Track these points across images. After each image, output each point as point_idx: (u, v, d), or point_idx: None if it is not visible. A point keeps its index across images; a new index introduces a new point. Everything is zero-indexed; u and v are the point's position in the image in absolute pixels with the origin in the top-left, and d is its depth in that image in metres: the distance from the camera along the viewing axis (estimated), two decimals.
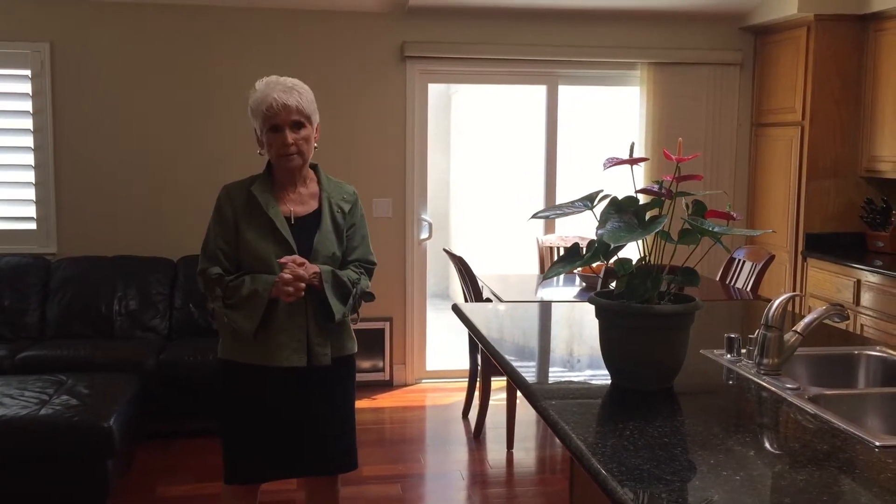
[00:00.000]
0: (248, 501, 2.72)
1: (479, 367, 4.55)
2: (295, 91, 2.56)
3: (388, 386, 5.41)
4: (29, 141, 4.99)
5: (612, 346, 1.99)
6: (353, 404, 2.77)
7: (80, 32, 4.99)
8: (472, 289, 4.35)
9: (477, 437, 4.52)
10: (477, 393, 4.64)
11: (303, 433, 2.63)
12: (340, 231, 2.65)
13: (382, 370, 5.41)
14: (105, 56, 5.02)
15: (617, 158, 1.99)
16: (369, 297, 2.73)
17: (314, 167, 2.72)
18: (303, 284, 2.49)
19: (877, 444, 1.63)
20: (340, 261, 2.64)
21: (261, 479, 2.69)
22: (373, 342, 5.35)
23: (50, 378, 3.92)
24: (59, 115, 4.99)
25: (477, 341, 3.38)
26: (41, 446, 3.43)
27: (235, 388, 2.63)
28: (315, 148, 2.66)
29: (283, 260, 2.49)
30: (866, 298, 4.52)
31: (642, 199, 1.97)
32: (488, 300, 4.33)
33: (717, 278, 4.77)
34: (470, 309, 3.05)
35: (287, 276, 2.47)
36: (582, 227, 5.14)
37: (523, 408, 4.43)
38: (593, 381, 2.17)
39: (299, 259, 2.51)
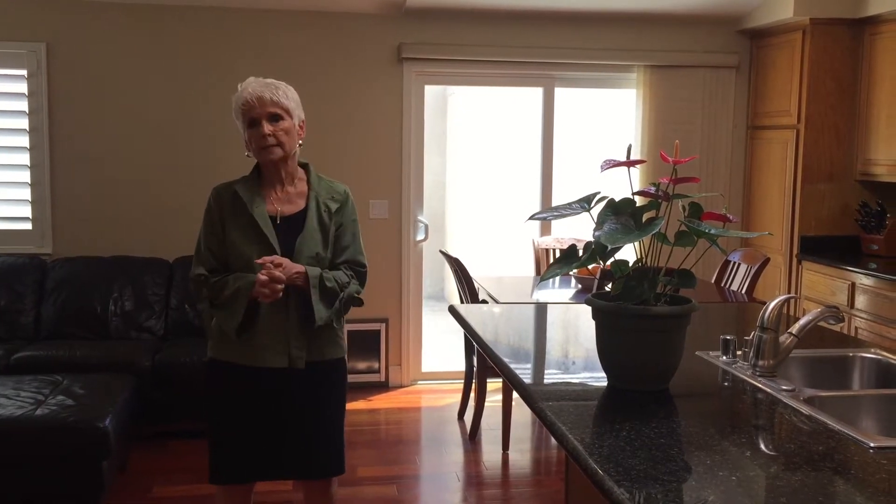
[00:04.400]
0: (242, 502, 2.72)
1: (474, 369, 4.56)
2: (272, 86, 2.56)
3: (383, 387, 5.41)
4: (25, 141, 4.98)
5: (609, 348, 2.00)
6: (343, 409, 2.74)
7: (77, 32, 4.98)
8: (468, 290, 4.36)
9: (472, 438, 4.53)
10: (472, 394, 4.65)
11: (287, 435, 2.61)
12: (326, 231, 2.61)
13: (378, 371, 5.41)
14: (101, 56, 5.02)
15: (614, 160, 1.99)
16: (357, 302, 2.67)
17: (305, 166, 2.70)
18: (279, 286, 2.45)
19: (871, 445, 1.64)
20: (328, 261, 2.61)
21: (243, 479, 2.66)
22: (368, 343, 5.36)
23: (45, 378, 3.92)
24: (55, 115, 4.99)
25: (473, 342, 3.39)
26: (36, 446, 3.43)
27: (221, 387, 2.63)
28: (300, 145, 2.64)
29: (260, 260, 2.45)
30: (861, 301, 4.54)
31: (639, 201, 1.98)
32: (484, 302, 4.34)
33: (713, 281, 4.78)
34: (466, 310, 3.05)
35: (263, 277, 2.44)
36: (578, 230, 5.16)
37: (519, 409, 4.44)
38: (590, 383, 2.18)
39: (277, 259, 2.46)
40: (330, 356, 2.66)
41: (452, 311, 3.04)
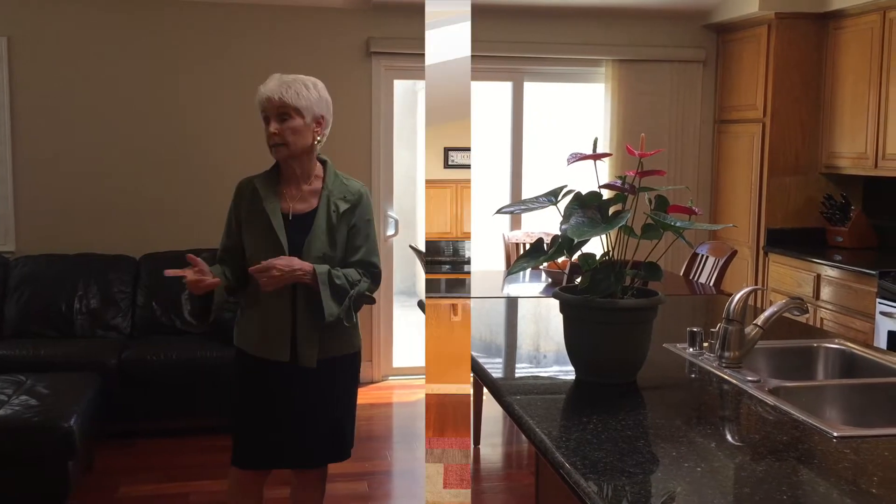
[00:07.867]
0: (253, 490, 2.73)
1: None
2: (286, 84, 2.58)
3: None
4: None
5: (577, 341, 2.00)
6: (355, 401, 2.78)
7: (39, 26, 4.89)
8: None
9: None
10: None
11: (297, 426, 2.65)
12: (334, 231, 2.61)
13: None
14: (64, 50, 4.93)
15: (580, 154, 2.00)
16: (369, 300, 2.71)
17: (324, 162, 2.73)
18: (276, 273, 2.47)
19: (835, 434, 1.66)
20: (337, 261, 2.61)
21: (259, 465, 2.70)
22: None
23: (9, 378, 3.85)
24: (17, 110, 4.90)
25: None
26: (0, 447, 3.36)
27: (240, 374, 2.71)
28: (319, 141, 2.67)
29: (266, 263, 2.50)
30: (826, 292, 4.60)
31: (606, 194, 1.98)
32: None
33: (682, 273, 4.82)
34: None
35: (260, 265, 2.49)
36: (548, 224, 5.16)
37: (489, 404, 4.44)
38: (559, 376, 2.18)
39: (271, 262, 2.50)
40: (344, 352, 2.69)
41: (422, 306, 3.03)
